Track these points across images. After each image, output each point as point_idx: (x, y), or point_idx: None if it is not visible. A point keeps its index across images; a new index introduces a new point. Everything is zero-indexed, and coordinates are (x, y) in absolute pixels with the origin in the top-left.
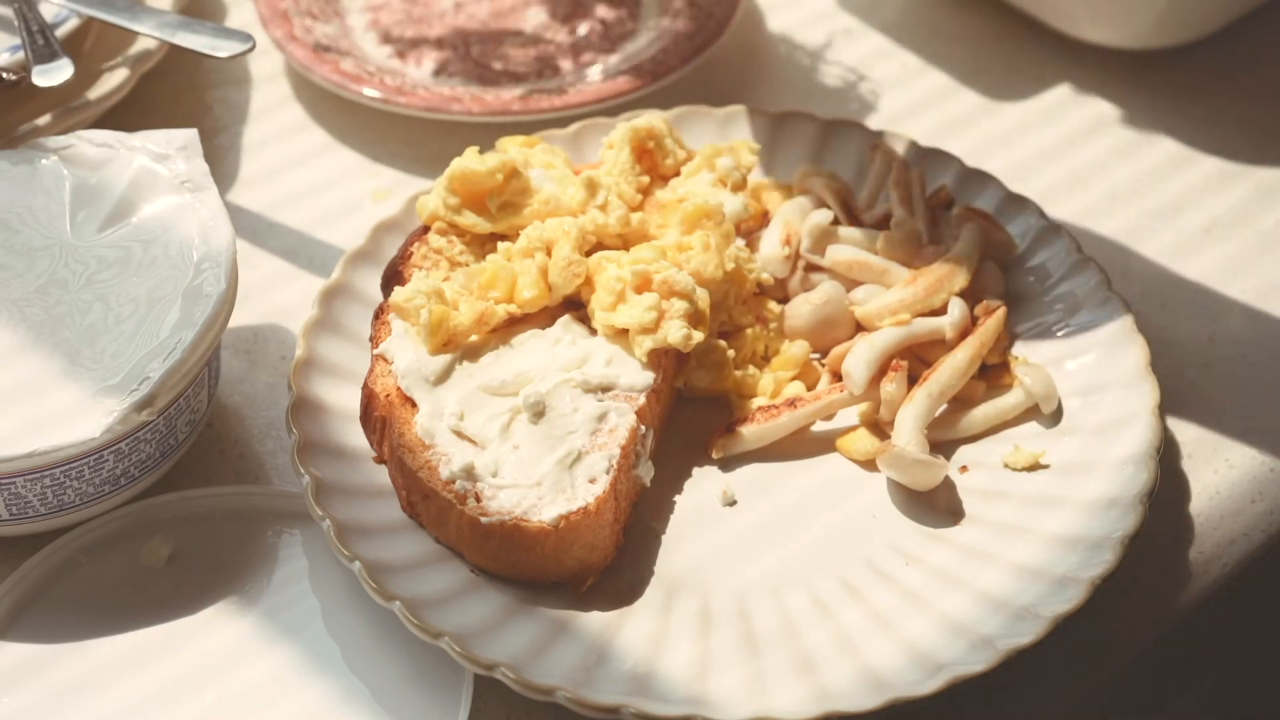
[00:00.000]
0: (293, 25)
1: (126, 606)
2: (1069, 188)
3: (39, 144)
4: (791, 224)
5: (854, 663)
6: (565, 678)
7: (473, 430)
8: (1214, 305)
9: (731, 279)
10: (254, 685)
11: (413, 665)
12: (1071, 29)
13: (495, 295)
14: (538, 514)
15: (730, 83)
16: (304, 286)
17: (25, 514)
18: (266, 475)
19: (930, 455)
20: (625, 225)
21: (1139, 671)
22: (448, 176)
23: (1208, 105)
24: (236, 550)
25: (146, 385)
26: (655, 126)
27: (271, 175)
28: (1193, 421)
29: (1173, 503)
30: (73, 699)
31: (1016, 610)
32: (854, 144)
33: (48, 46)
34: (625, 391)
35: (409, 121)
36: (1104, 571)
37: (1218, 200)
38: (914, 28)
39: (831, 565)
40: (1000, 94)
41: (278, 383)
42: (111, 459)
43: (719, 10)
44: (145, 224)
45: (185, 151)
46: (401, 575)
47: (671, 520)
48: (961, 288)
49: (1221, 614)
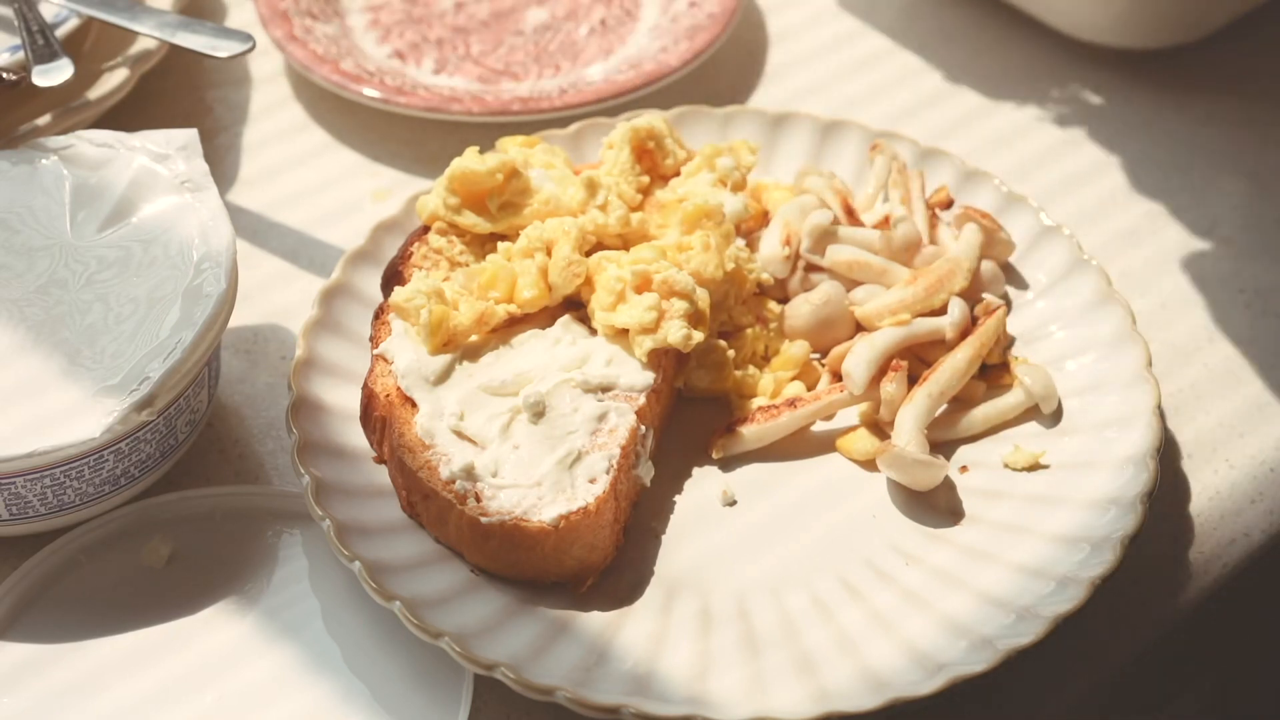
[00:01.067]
0: (293, 25)
1: (126, 606)
2: (1069, 188)
3: (39, 144)
4: (791, 224)
5: (854, 663)
6: (565, 678)
7: (473, 430)
8: (1214, 305)
9: (731, 279)
10: (254, 685)
11: (413, 665)
12: (1071, 29)
13: (495, 295)
14: (538, 514)
15: (730, 83)
16: (304, 286)
17: (25, 514)
18: (266, 475)
19: (930, 455)
20: (625, 225)
21: (1139, 671)
22: (448, 176)
23: (1208, 105)
24: (236, 550)
25: (146, 385)
26: (655, 126)
27: (271, 175)
28: (1193, 421)
29: (1173, 503)
30: (73, 699)
31: (1017, 610)
32: (854, 144)
33: (48, 46)
34: (625, 391)
35: (409, 121)
36: (1104, 571)
37: (1218, 200)
38: (914, 28)
39: (832, 565)
40: (1000, 94)
41: (278, 383)
42: (111, 459)
43: (719, 10)
44: (145, 224)
45: (185, 151)
46: (401, 575)
47: (671, 520)
48: (961, 288)
49: (1221, 614)
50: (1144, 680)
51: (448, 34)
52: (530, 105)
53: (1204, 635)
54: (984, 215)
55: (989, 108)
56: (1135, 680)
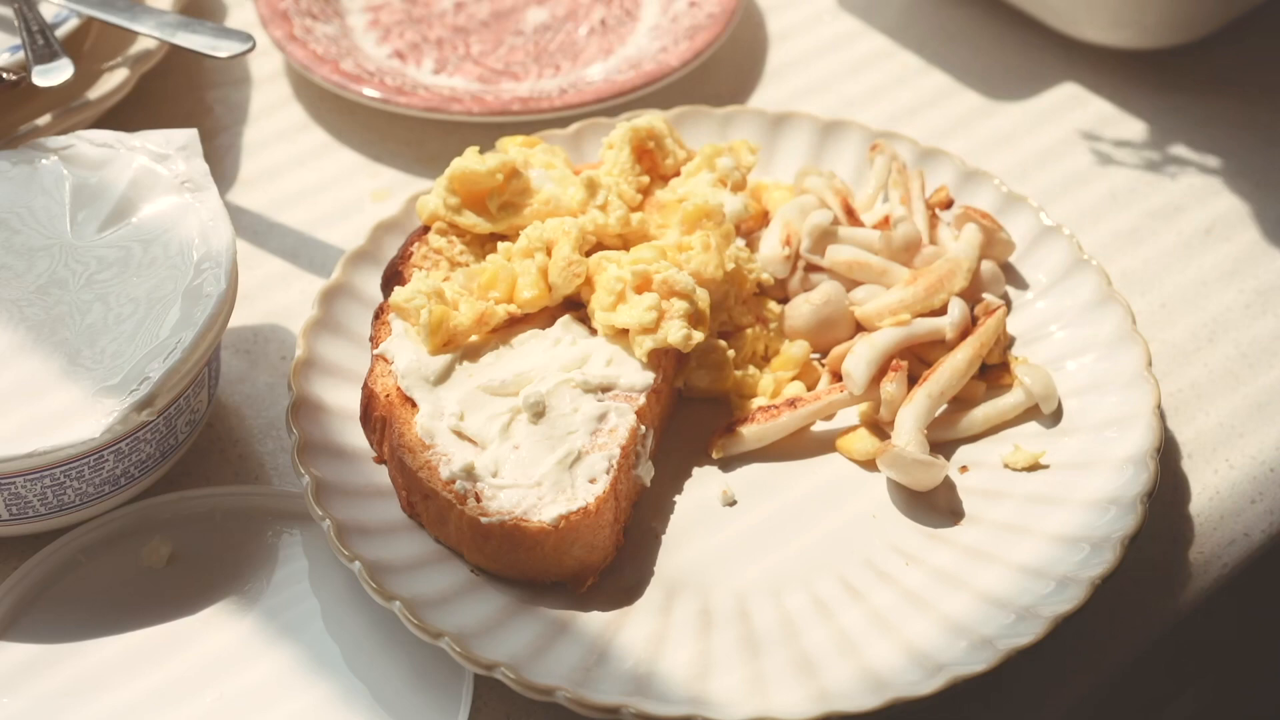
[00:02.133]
0: (293, 25)
1: (126, 606)
2: (1069, 188)
3: (39, 144)
4: (791, 224)
5: (854, 663)
6: (565, 678)
7: (473, 430)
8: (1214, 305)
9: (731, 279)
10: (254, 685)
11: (413, 665)
12: (1071, 29)
13: (495, 295)
14: (538, 514)
15: (730, 83)
16: (304, 287)
17: (25, 514)
18: (266, 475)
19: (930, 455)
20: (625, 225)
21: (1139, 671)
22: (448, 176)
23: (1208, 105)
24: (236, 550)
25: (146, 385)
26: (655, 126)
27: (272, 175)
28: (1193, 421)
29: (1173, 503)
30: (72, 699)
31: (1017, 610)
32: (854, 144)
33: (48, 46)
34: (625, 391)
35: (409, 121)
36: (1104, 571)
37: (1218, 200)
38: (914, 28)
39: (831, 565)
40: (1000, 94)
41: (278, 383)
42: (111, 459)
43: (719, 10)
44: (145, 224)
45: (185, 151)
46: (401, 575)
47: (671, 520)
48: (961, 288)
49: (1221, 614)
50: (1144, 680)
51: (448, 34)
52: (530, 105)
53: (1204, 635)
54: (984, 215)
55: (989, 108)
56: (1135, 680)
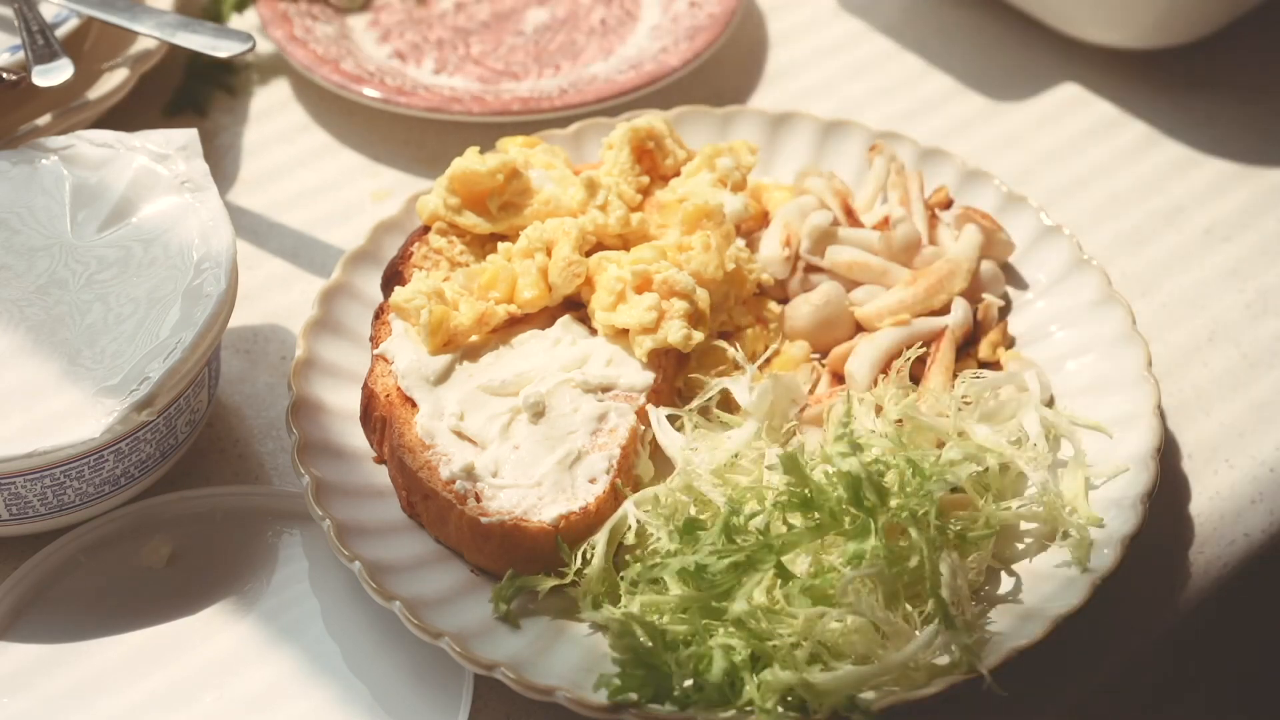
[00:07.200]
0: (293, 26)
1: (126, 607)
2: (1070, 188)
3: (39, 144)
4: (791, 225)
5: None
6: (565, 678)
7: (473, 430)
8: (1214, 305)
9: (731, 279)
10: (254, 685)
11: (413, 665)
12: (1072, 29)
13: (495, 295)
14: (538, 514)
15: (730, 83)
16: (304, 287)
17: (25, 514)
18: (266, 475)
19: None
20: (625, 225)
21: (1139, 671)
22: (448, 177)
23: (1208, 105)
24: (236, 550)
25: (146, 385)
26: (655, 126)
27: (272, 175)
28: (1193, 421)
29: (1173, 503)
30: (72, 699)
31: (1017, 610)
32: (854, 144)
33: (48, 46)
34: (625, 391)
35: (410, 122)
36: (1104, 572)
37: (1218, 200)
38: (915, 29)
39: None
40: (1001, 95)
41: (278, 383)
42: (111, 459)
43: (719, 11)
44: (145, 224)
45: (185, 151)
46: (401, 575)
47: None
48: (961, 288)
49: (1222, 614)
50: (1144, 680)
51: (448, 34)
52: (530, 105)
53: (1204, 635)
54: (984, 216)
55: (989, 108)
56: (1135, 680)
